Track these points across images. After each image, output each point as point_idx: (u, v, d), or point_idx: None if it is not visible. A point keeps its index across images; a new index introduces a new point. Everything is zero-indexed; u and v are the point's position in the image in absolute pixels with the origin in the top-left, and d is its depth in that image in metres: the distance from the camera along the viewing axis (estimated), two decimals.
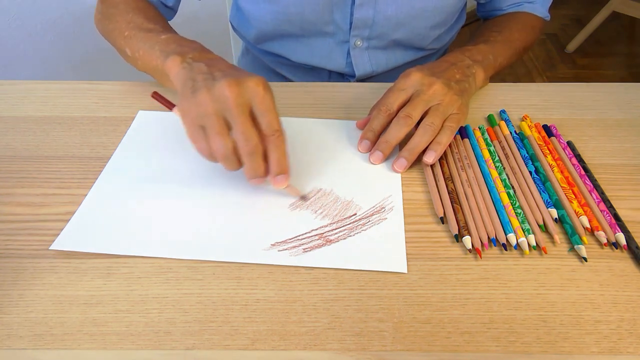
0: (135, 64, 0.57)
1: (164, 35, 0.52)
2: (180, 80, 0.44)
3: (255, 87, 0.41)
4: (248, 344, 0.36)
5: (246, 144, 0.41)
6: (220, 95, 0.40)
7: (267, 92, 0.42)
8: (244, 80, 0.41)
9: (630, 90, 0.63)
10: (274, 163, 0.43)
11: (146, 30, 0.55)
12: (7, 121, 0.56)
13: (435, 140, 0.49)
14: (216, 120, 0.41)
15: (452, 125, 0.50)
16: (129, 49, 0.57)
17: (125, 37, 0.57)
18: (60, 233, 0.43)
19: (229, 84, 0.40)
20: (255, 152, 0.41)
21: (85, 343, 0.36)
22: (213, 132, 0.41)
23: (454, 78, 0.53)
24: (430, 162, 0.49)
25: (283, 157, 0.43)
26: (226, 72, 0.43)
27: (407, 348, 0.36)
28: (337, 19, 0.66)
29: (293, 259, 0.41)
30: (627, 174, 0.50)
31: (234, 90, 0.40)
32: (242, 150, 0.41)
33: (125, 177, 0.49)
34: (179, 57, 0.46)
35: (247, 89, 0.41)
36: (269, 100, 0.42)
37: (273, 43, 0.72)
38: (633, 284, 0.40)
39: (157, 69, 0.51)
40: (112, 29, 0.60)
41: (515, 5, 0.71)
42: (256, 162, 0.42)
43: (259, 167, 0.42)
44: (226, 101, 0.40)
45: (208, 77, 0.42)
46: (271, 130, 0.41)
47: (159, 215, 0.45)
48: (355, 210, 0.46)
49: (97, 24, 0.66)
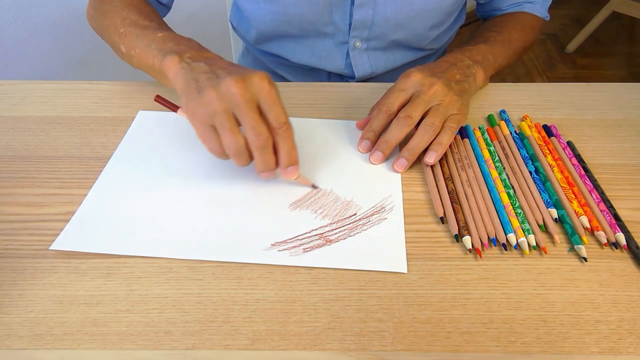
0: (130, 61, 0.57)
1: (160, 33, 0.52)
2: (182, 81, 0.44)
3: (260, 81, 0.41)
4: (248, 344, 0.36)
5: (257, 138, 0.41)
6: (227, 93, 0.41)
7: (272, 86, 0.42)
8: (248, 76, 0.41)
9: (630, 90, 0.63)
10: (284, 155, 0.43)
11: (142, 27, 0.54)
12: (7, 121, 0.56)
13: (436, 140, 0.49)
14: (226, 117, 0.41)
15: (453, 125, 0.50)
16: (123, 46, 0.56)
17: (120, 34, 0.56)
18: (60, 233, 0.43)
19: (235, 81, 0.41)
20: (267, 145, 0.42)
21: (85, 343, 0.36)
22: (224, 130, 0.41)
23: (454, 78, 0.53)
24: (431, 163, 0.49)
25: (292, 149, 0.43)
26: (228, 69, 0.43)
27: (407, 348, 0.36)
28: (337, 20, 0.66)
29: (293, 259, 0.41)
30: (627, 174, 0.50)
31: (241, 86, 0.41)
32: (254, 145, 0.42)
33: (125, 177, 0.49)
34: (177, 56, 0.46)
35: (253, 84, 0.41)
36: (275, 94, 0.42)
37: (272, 43, 0.72)
38: (633, 284, 0.40)
39: (154, 67, 0.51)
40: (106, 25, 0.60)
41: (515, 5, 0.71)
42: (267, 155, 0.43)
43: (270, 160, 0.43)
44: (234, 98, 0.41)
45: (212, 76, 0.42)
46: (279, 123, 0.42)
47: (159, 215, 0.45)
48: (355, 210, 0.46)
49: (90, 20, 0.65)
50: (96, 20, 0.63)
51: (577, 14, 2.47)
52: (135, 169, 0.50)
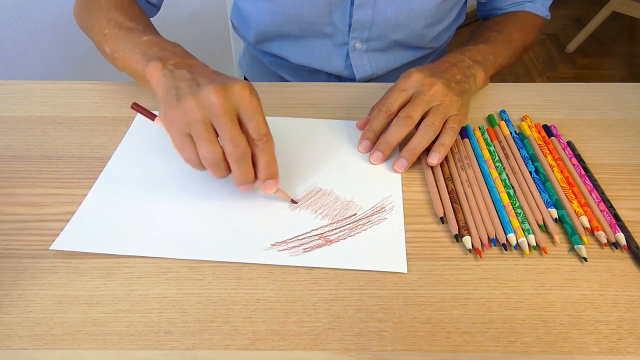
0: (114, 63, 0.56)
1: (145, 37, 0.51)
2: (163, 88, 0.43)
3: (241, 91, 0.40)
4: (248, 344, 0.36)
5: (235, 150, 0.40)
6: (207, 101, 0.39)
7: (254, 96, 0.41)
8: (229, 85, 0.40)
9: (630, 90, 0.63)
10: (263, 168, 0.42)
11: (127, 29, 0.53)
12: (7, 121, 0.56)
13: (439, 141, 0.49)
14: (203, 127, 0.39)
15: (454, 126, 0.50)
16: (108, 48, 0.55)
17: (104, 35, 0.55)
18: (60, 233, 0.43)
19: (215, 89, 0.39)
20: (244, 157, 0.41)
21: (85, 343, 0.36)
22: (201, 139, 0.40)
23: (454, 79, 0.53)
24: (434, 164, 0.49)
25: (272, 162, 0.42)
26: (210, 77, 0.42)
27: (407, 348, 0.36)
28: (336, 20, 0.66)
29: (293, 259, 0.41)
30: (627, 174, 0.50)
31: (220, 95, 0.39)
32: (231, 156, 0.40)
33: (125, 177, 0.49)
34: (160, 63, 0.45)
35: (234, 94, 0.40)
36: (256, 104, 0.41)
37: (272, 44, 0.72)
38: (633, 284, 0.40)
39: (137, 72, 0.49)
40: (92, 24, 0.58)
41: (516, 4, 0.71)
42: (245, 167, 0.41)
43: (248, 172, 0.42)
44: (213, 107, 0.39)
45: (192, 84, 0.41)
46: (259, 135, 0.41)
47: (159, 215, 0.45)
48: (355, 210, 0.46)
49: (76, 17, 0.63)
50: (82, 18, 0.61)
51: (577, 14, 2.48)
52: (135, 169, 0.50)
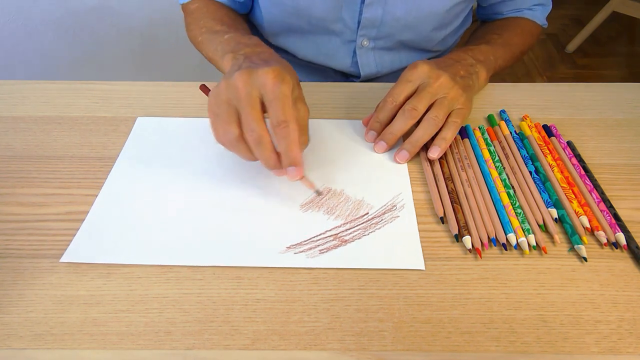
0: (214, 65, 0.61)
1: (227, 35, 0.55)
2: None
3: (264, 76, 0.41)
4: (248, 344, 0.36)
5: (249, 134, 0.41)
6: (232, 85, 0.41)
7: (277, 81, 0.41)
8: (255, 70, 0.41)
9: (630, 90, 0.63)
10: (282, 155, 0.42)
11: (213, 32, 0.59)
12: (7, 121, 0.56)
13: (440, 135, 0.50)
14: (226, 108, 0.42)
15: (457, 120, 0.50)
16: (203, 52, 0.62)
17: (199, 42, 0.62)
18: (70, 245, 0.42)
19: (240, 74, 0.41)
20: (261, 142, 0.41)
21: (85, 343, 0.36)
22: (219, 120, 0.42)
23: (458, 74, 0.54)
24: (434, 157, 0.49)
25: (291, 148, 0.41)
26: (255, 62, 0.44)
27: (407, 348, 0.36)
28: (346, 18, 0.66)
29: (310, 260, 0.41)
30: (627, 174, 0.50)
31: (242, 80, 0.41)
32: (247, 140, 0.42)
33: (131, 186, 0.48)
34: (231, 54, 0.48)
35: (257, 79, 0.41)
36: (278, 90, 0.40)
37: (279, 37, 0.72)
38: (633, 284, 0.40)
39: (221, 68, 0.55)
40: (192, 37, 0.66)
41: (516, 11, 0.72)
42: (264, 152, 0.42)
43: (269, 158, 0.42)
44: (236, 91, 0.41)
45: (236, 69, 0.43)
46: (277, 121, 0.41)
47: (172, 223, 0.44)
48: (367, 210, 0.46)
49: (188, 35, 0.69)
50: (188, 34, 0.69)
51: (577, 14, 2.47)
52: (139, 177, 0.49)
